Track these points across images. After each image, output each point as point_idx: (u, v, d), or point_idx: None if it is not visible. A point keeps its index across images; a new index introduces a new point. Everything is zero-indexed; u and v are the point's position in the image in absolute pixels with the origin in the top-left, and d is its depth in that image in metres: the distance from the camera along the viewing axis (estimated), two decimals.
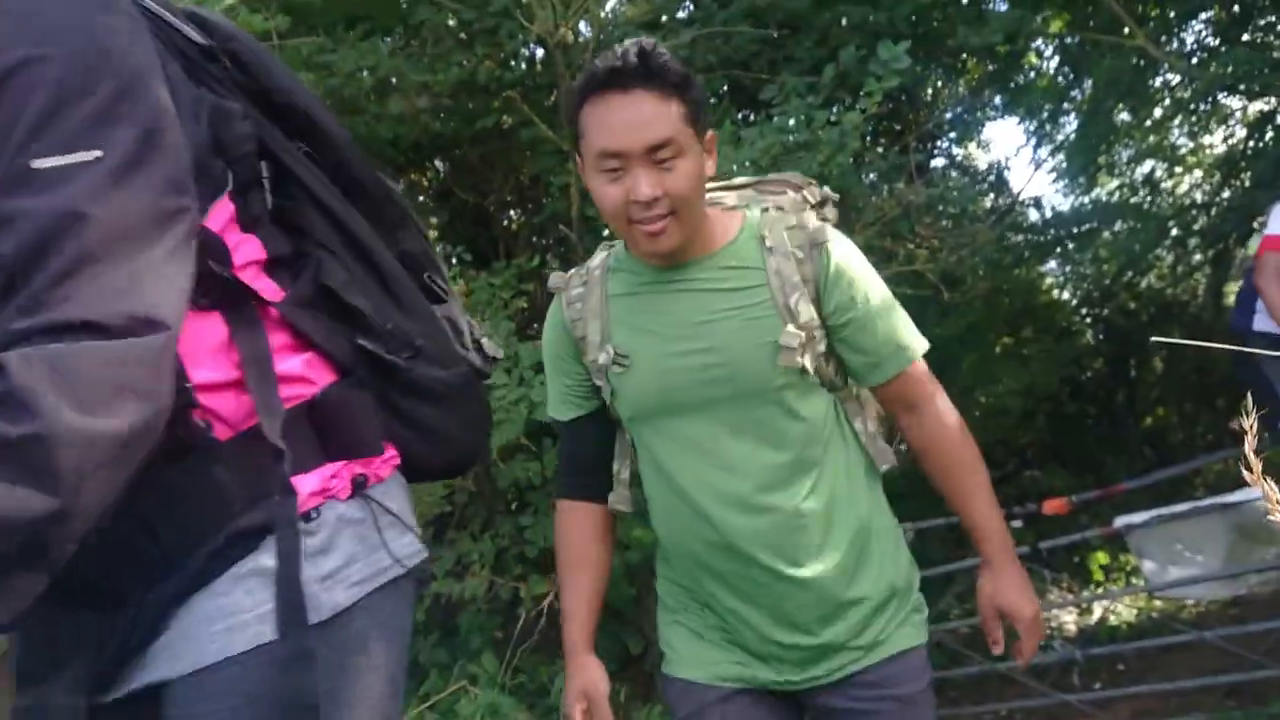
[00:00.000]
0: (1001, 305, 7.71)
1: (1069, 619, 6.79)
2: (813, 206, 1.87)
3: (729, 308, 1.66)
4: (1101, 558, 7.47)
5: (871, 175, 5.66)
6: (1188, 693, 4.64)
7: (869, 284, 1.72)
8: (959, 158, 8.51)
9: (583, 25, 5.31)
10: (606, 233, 5.18)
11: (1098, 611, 6.78)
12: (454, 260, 5.34)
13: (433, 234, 5.51)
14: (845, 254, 1.70)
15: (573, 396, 1.85)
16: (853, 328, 1.70)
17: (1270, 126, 7.40)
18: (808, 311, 1.65)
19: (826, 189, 1.94)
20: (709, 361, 1.66)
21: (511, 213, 6.48)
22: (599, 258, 1.83)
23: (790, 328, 1.63)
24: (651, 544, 4.58)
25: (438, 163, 6.40)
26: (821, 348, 1.69)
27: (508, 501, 4.79)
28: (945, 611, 5.95)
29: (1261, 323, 3.90)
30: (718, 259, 1.69)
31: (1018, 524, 5.45)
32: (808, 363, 1.64)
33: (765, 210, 1.77)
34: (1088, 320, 9.41)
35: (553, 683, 3.63)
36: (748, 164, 4.29)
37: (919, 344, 1.77)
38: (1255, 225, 4.29)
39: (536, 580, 4.19)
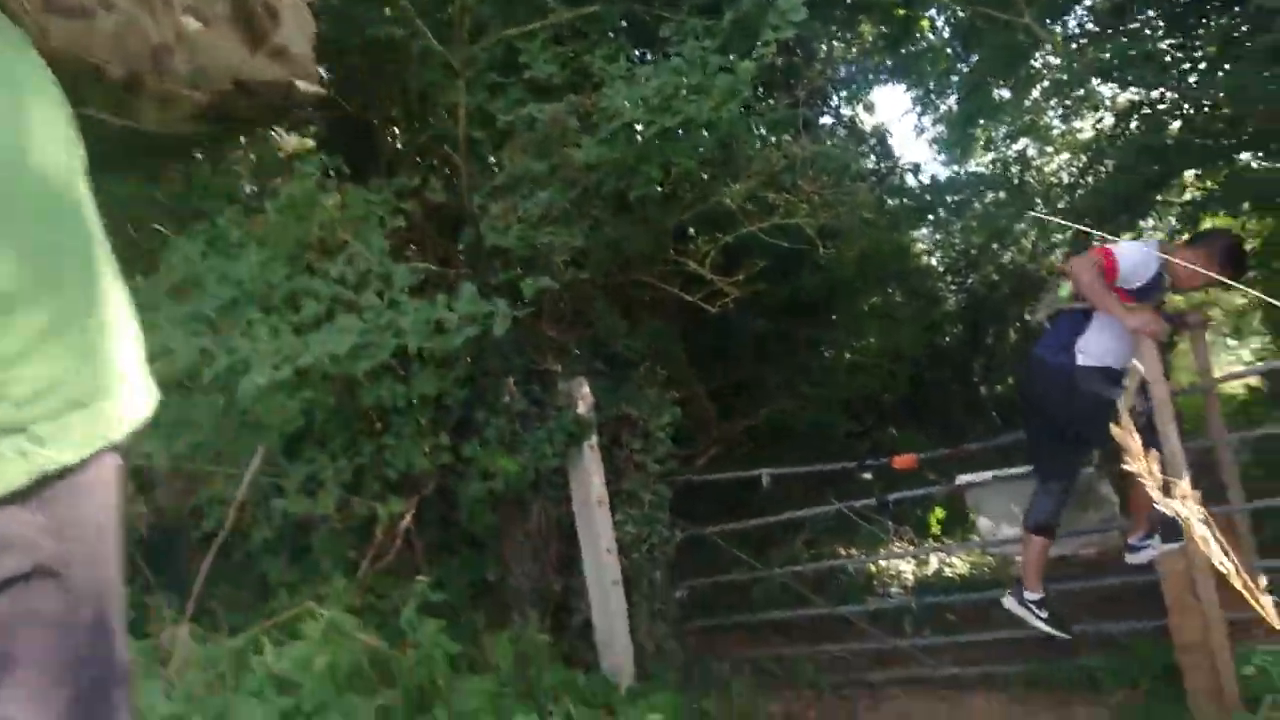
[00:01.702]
0: (874, 266, 7.93)
1: (907, 569, 7.15)
2: None
3: None
4: (941, 513, 7.86)
5: (761, 129, 5.71)
6: (1007, 642, 4.97)
7: None
8: (846, 118, 8.65)
9: None
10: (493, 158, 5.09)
11: (934, 563, 7.16)
12: (330, 172, 5.15)
13: (309, 143, 5.28)
14: None
15: None
16: None
17: (1136, 115, 7.77)
18: None
19: None
20: None
21: (395, 129, 6.27)
22: None
23: None
24: (516, 473, 4.61)
25: (320, 69, 6.13)
26: None
27: (371, 422, 4.71)
28: (793, 555, 6.19)
29: (1086, 357, 4.18)
30: None
31: (868, 476, 5.70)
32: None
33: None
34: (953, 287, 9.79)
35: (405, 605, 3.62)
36: (640, 101, 4.27)
37: None
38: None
39: (394, 501, 4.15)
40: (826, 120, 8.08)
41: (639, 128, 4.30)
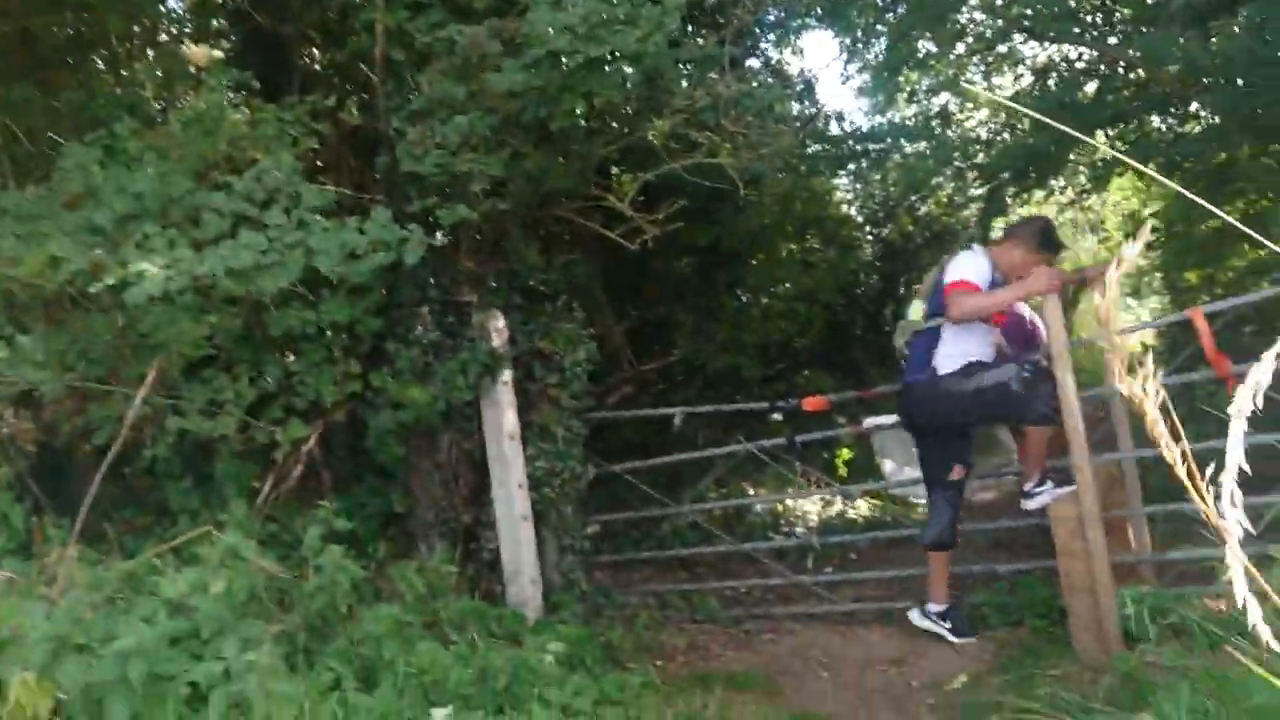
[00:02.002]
0: (794, 212, 7.97)
1: (812, 509, 7.31)
2: None
3: None
4: (847, 455, 8.05)
5: (687, 66, 5.64)
6: (904, 580, 5.13)
7: None
8: (773, 60, 8.60)
9: None
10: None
11: (838, 504, 7.33)
12: (241, 88, 4.95)
13: (219, 56, 5.05)
14: None
15: None
16: None
17: (1055, 73, 7.90)
18: None
19: None
20: None
21: (312, 47, 6.04)
22: None
23: None
24: (426, 404, 4.56)
25: None
26: None
27: (280, 349, 4.60)
28: (702, 493, 6.27)
29: (945, 366, 4.37)
30: None
31: (779, 417, 5.78)
32: None
33: None
34: (869, 237, 9.89)
35: (306, 533, 3.57)
36: (565, 29, 4.17)
37: None
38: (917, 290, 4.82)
39: (295, 425, 4.06)
40: (753, 63, 8.02)
41: (564, 57, 4.21)
